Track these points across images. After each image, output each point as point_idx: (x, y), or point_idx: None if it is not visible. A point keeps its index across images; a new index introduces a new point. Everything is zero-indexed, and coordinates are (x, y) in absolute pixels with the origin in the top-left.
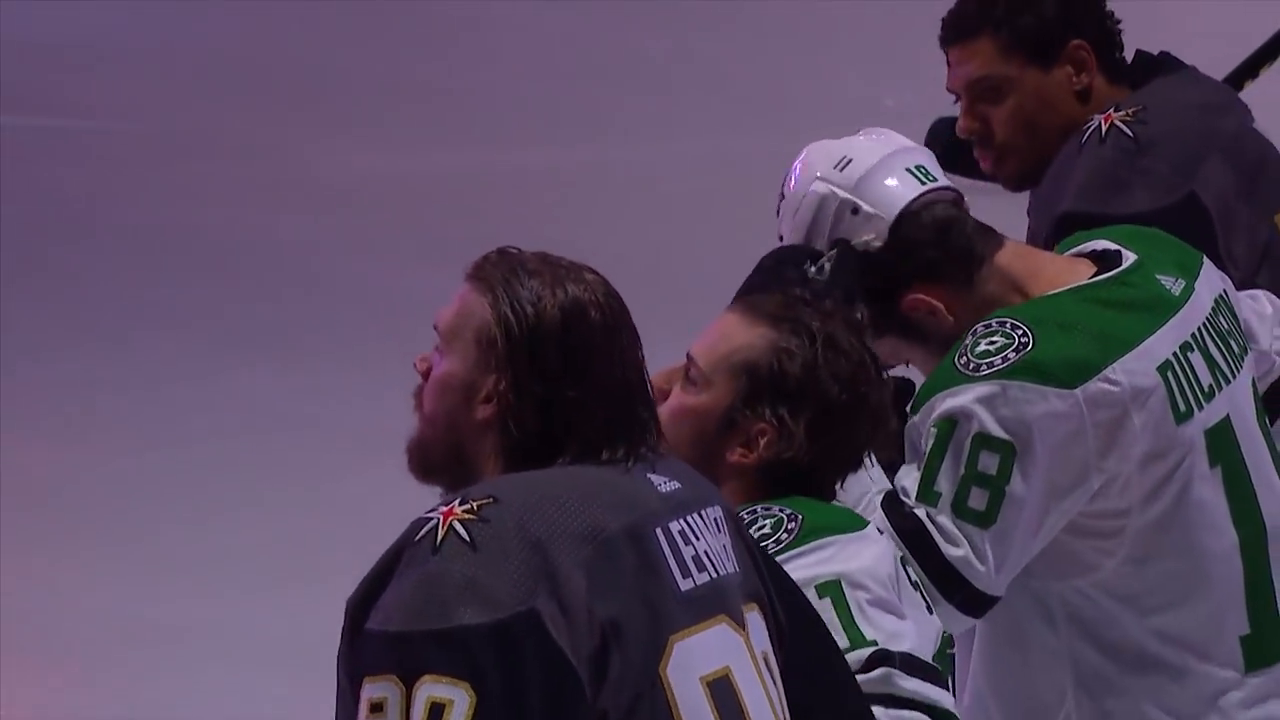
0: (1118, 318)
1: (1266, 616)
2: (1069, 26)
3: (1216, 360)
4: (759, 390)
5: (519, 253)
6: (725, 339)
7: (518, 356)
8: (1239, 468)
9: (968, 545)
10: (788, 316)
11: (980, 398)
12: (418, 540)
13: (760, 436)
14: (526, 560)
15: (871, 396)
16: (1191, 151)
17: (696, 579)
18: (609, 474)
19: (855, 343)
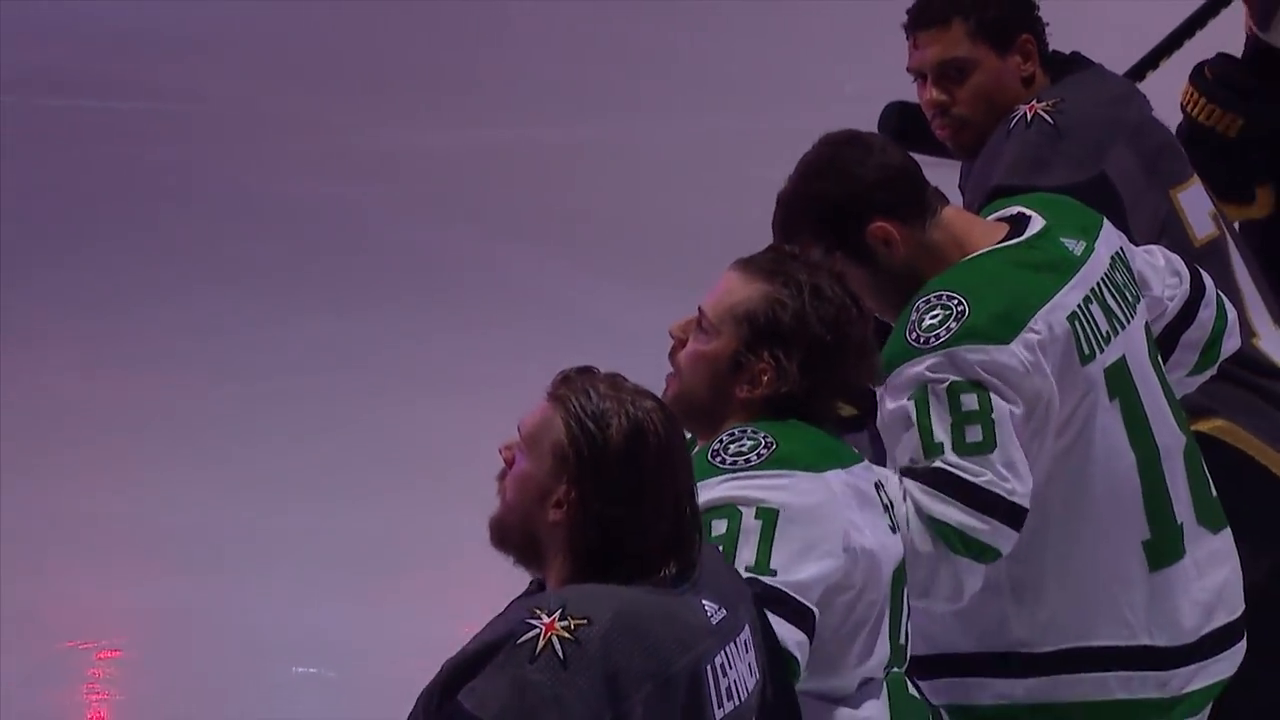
0: (1030, 277)
1: (1165, 524)
2: (1021, 21)
3: (1113, 309)
4: (758, 336)
5: (593, 375)
6: (729, 293)
7: (586, 472)
8: (1135, 400)
9: (984, 472)
10: (780, 271)
11: (935, 365)
12: (520, 643)
13: (762, 375)
14: (602, 690)
15: (854, 334)
16: (1102, 137)
17: (725, 708)
18: (675, 603)
19: (838, 289)
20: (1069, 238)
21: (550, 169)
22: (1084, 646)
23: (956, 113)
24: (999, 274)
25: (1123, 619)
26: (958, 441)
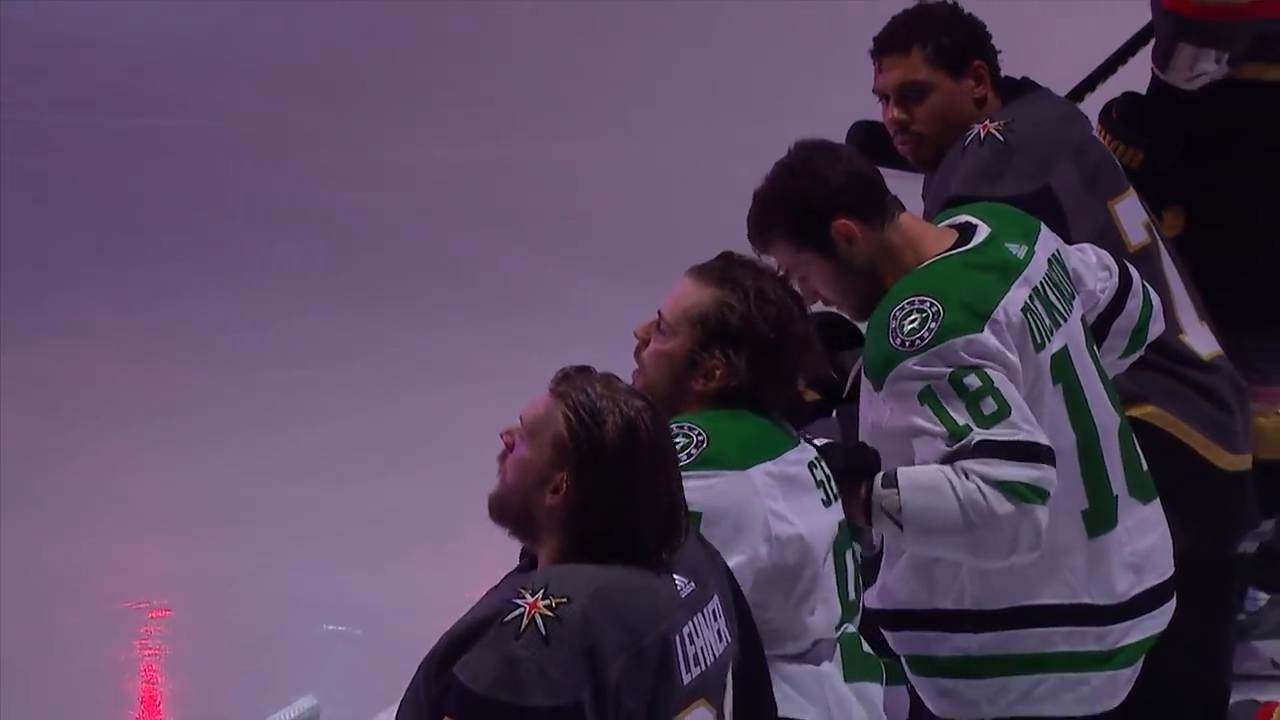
0: (983, 277)
1: (1101, 495)
2: (975, 49)
3: (1054, 304)
4: (710, 336)
5: (591, 375)
6: (684, 298)
7: (582, 463)
8: (1076, 385)
9: (1015, 432)
10: (728, 277)
11: (928, 365)
12: (507, 621)
13: (715, 370)
14: (582, 662)
15: (796, 331)
16: (1048, 154)
17: (692, 672)
18: (649, 580)
19: (780, 292)
20: (1012, 243)
21: (552, 179)
22: (1031, 605)
23: (915, 130)
24: (957, 275)
25: (1065, 580)
26: (978, 417)
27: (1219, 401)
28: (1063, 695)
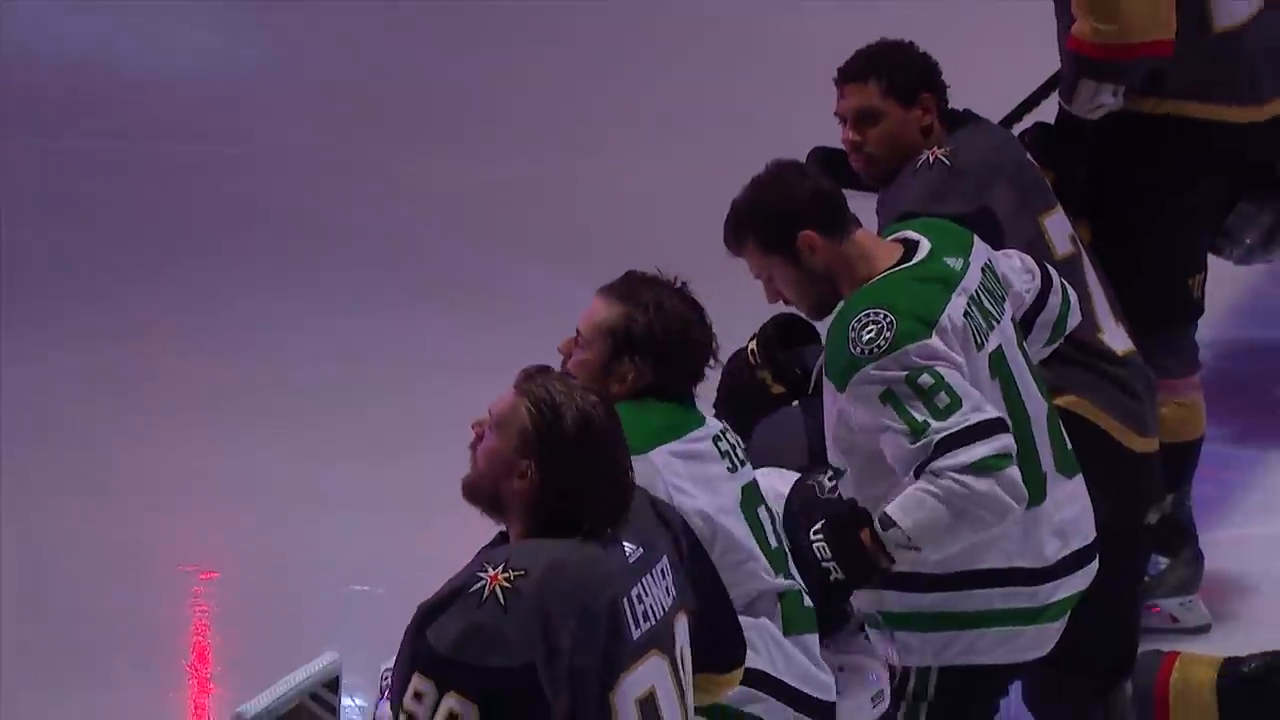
0: (928, 288)
1: (1033, 473)
2: (924, 84)
3: (989, 309)
4: (619, 346)
5: (549, 373)
6: (595, 314)
7: (544, 452)
8: (1010, 379)
9: (965, 418)
10: (630, 294)
11: (886, 370)
12: (472, 591)
13: (626, 375)
14: (535, 628)
15: (693, 334)
16: (986, 177)
17: (642, 627)
18: (599, 551)
19: (676, 301)
20: (949, 257)
21: (556, 195)
22: (973, 569)
23: (867, 150)
24: (905, 289)
25: (1002, 548)
26: (934, 411)
27: (1131, 392)
28: (999, 647)
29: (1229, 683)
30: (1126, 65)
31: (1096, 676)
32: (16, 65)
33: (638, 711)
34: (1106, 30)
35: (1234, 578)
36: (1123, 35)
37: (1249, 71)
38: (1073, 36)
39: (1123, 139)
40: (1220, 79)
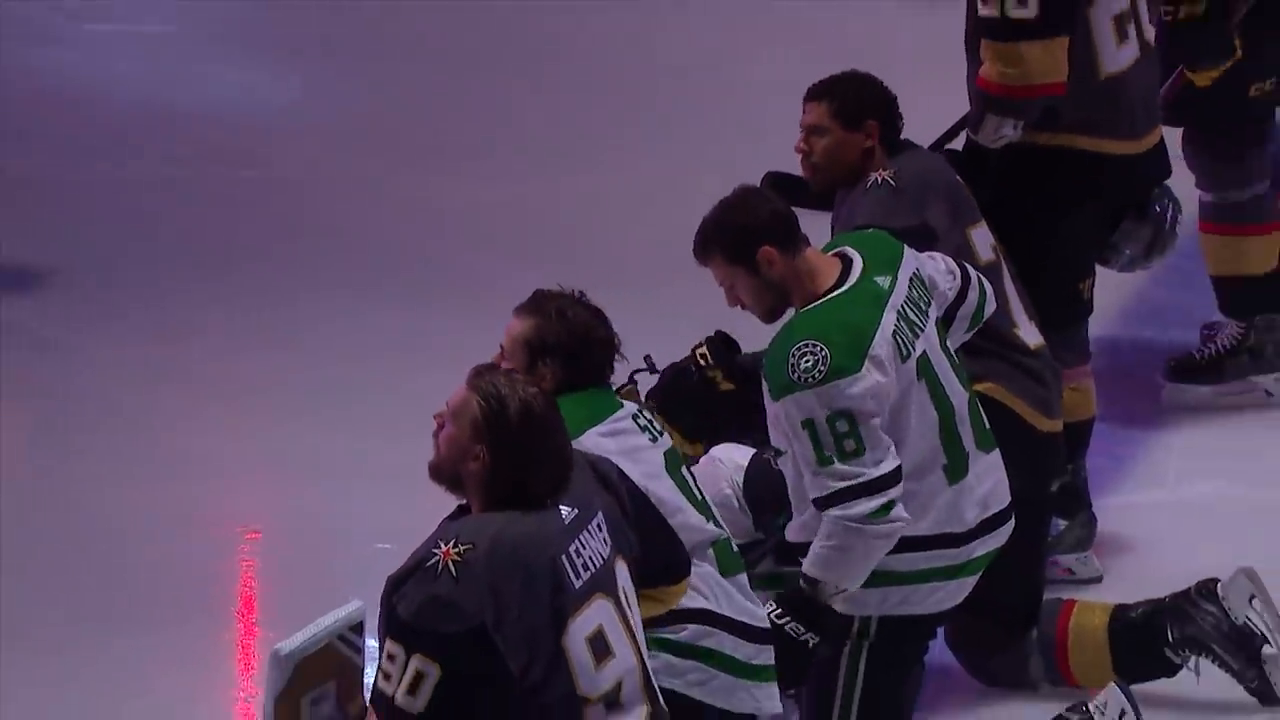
0: (861, 312)
1: (957, 453)
2: (871, 112)
3: (914, 320)
4: (534, 353)
5: (495, 370)
6: (513, 329)
7: (492, 438)
8: (935, 379)
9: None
10: (538, 308)
11: (815, 402)
12: (428, 565)
13: (545, 376)
14: (483, 593)
15: (595, 336)
16: (923, 195)
17: (584, 576)
18: (539, 519)
19: (578, 309)
20: (879, 275)
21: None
22: (908, 536)
23: (813, 160)
24: (842, 317)
25: (933, 517)
26: (840, 454)
27: (1040, 380)
28: (929, 599)
29: (1118, 626)
30: (1026, 103)
31: (1009, 622)
32: (93, 103)
33: (588, 648)
34: (1010, 73)
35: (1123, 537)
36: (1023, 78)
37: (1129, 111)
38: (981, 78)
39: (1021, 166)
40: (1105, 116)
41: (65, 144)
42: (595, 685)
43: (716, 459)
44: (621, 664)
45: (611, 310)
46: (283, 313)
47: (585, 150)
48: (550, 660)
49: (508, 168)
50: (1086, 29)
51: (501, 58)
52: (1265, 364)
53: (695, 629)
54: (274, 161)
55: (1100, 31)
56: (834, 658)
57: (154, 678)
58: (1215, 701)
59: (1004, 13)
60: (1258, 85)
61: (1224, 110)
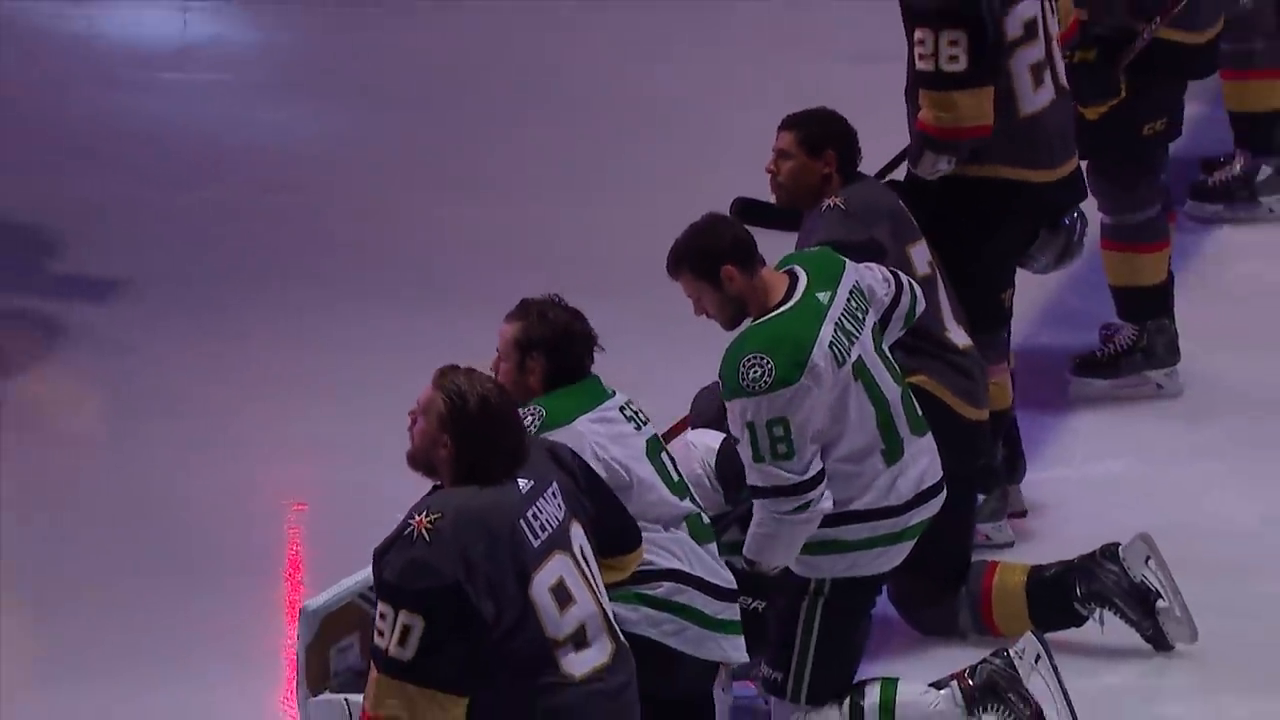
0: (802, 327)
1: (893, 439)
2: (831, 144)
3: (850, 330)
4: (522, 350)
5: (457, 369)
6: (504, 333)
7: (455, 429)
8: (870, 378)
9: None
10: (523, 313)
11: (759, 407)
12: (405, 534)
13: (534, 369)
14: (454, 554)
15: (575, 330)
16: (871, 217)
17: (542, 536)
18: (498, 492)
19: (558, 311)
20: (820, 291)
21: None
22: (854, 510)
23: (779, 180)
24: (786, 332)
25: (873, 495)
26: (773, 455)
27: (968, 375)
28: (873, 562)
29: (1034, 584)
30: (958, 143)
31: (942, 580)
32: (158, 139)
33: (552, 597)
34: (944, 118)
35: (1037, 508)
36: (955, 121)
37: (1046, 145)
38: (920, 121)
39: (954, 194)
40: (1025, 150)
41: (135, 174)
42: (560, 628)
43: (691, 443)
44: (583, 609)
45: (601, 315)
46: (320, 318)
47: (580, 178)
48: (519, 609)
49: (510, 194)
50: (1007, 76)
51: (508, 100)
52: (1156, 361)
53: (669, 586)
54: (311, 189)
55: (1019, 78)
56: (793, 613)
57: (211, 628)
58: (1116, 647)
59: (938, 67)
60: (1150, 125)
61: (1116, 144)
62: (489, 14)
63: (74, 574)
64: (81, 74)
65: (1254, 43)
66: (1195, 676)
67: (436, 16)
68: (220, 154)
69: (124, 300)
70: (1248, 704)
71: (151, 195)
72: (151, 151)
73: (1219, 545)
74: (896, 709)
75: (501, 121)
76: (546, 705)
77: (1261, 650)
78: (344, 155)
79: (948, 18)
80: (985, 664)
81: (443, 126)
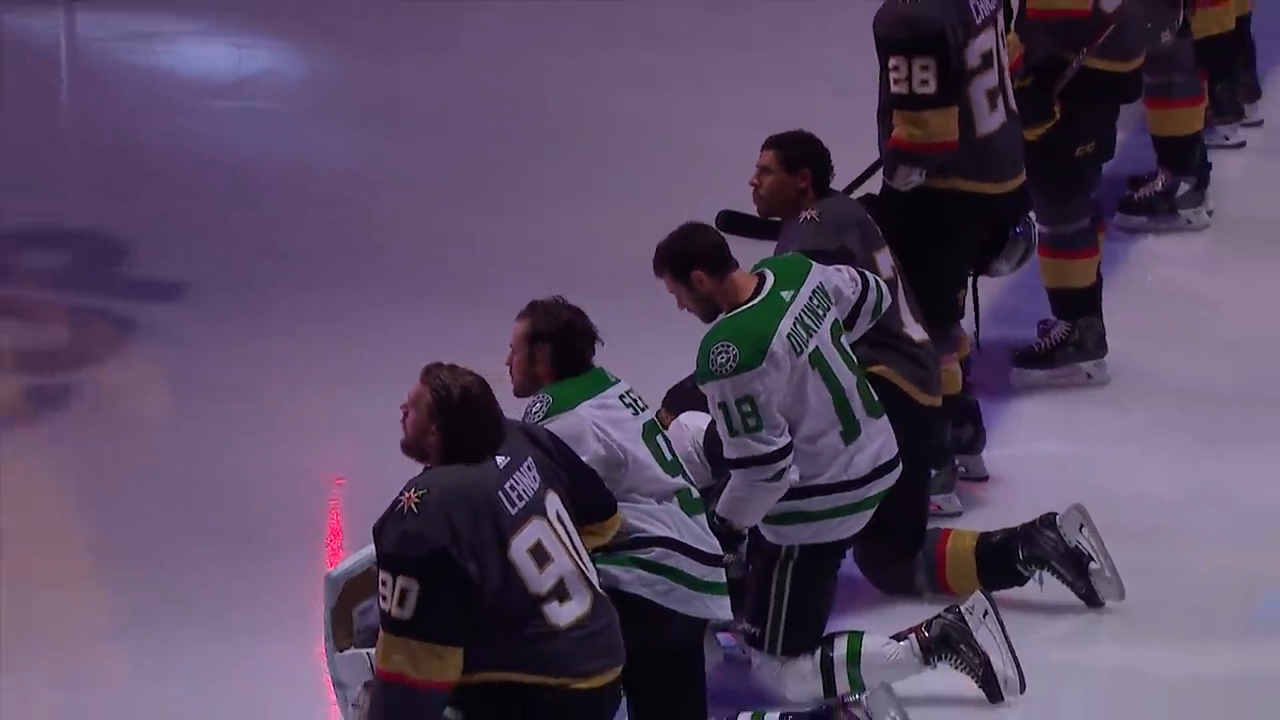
0: (764, 320)
1: (849, 420)
2: (806, 162)
3: (809, 324)
4: (531, 343)
5: (441, 366)
6: (516, 330)
7: (442, 419)
8: (827, 367)
9: (760, 444)
10: (532, 311)
11: (726, 389)
12: (397, 510)
13: (541, 358)
14: (440, 524)
15: (575, 325)
16: (841, 227)
17: (519, 505)
18: (478, 469)
19: (561, 309)
20: (785, 290)
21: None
22: (816, 484)
23: (761, 193)
24: (750, 325)
25: (833, 472)
26: (745, 428)
27: (923, 365)
28: (836, 529)
29: (982, 548)
30: (928, 157)
31: (901, 545)
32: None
33: (530, 556)
34: (917, 134)
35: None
36: (927, 138)
37: (997, 161)
38: (894, 138)
39: (919, 204)
40: (980, 165)
41: (196, 191)
42: (542, 584)
43: (683, 424)
44: (560, 567)
45: (602, 313)
46: (361, 316)
47: (583, 194)
48: (501, 570)
49: (521, 208)
50: (966, 100)
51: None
52: (1086, 354)
53: (660, 551)
54: (349, 204)
55: (977, 103)
56: (767, 577)
57: (261, 586)
58: (1054, 604)
59: (912, 90)
60: (1081, 148)
61: (1052, 164)
62: (506, 53)
63: (142, 538)
64: (150, 105)
65: (1174, 76)
66: (1123, 629)
67: (460, 55)
68: (270, 173)
69: (187, 301)
70: (1167, 651)
71: (211, 210)
72: (211, 172)
73: (1142, 515)
74: (862, 659)
75: (515, 145)
76: (535, 651)
77: (1179, 606)
78: (377, 174)
79: (919, 47)
80: (939, 619)
81: (463, 150)
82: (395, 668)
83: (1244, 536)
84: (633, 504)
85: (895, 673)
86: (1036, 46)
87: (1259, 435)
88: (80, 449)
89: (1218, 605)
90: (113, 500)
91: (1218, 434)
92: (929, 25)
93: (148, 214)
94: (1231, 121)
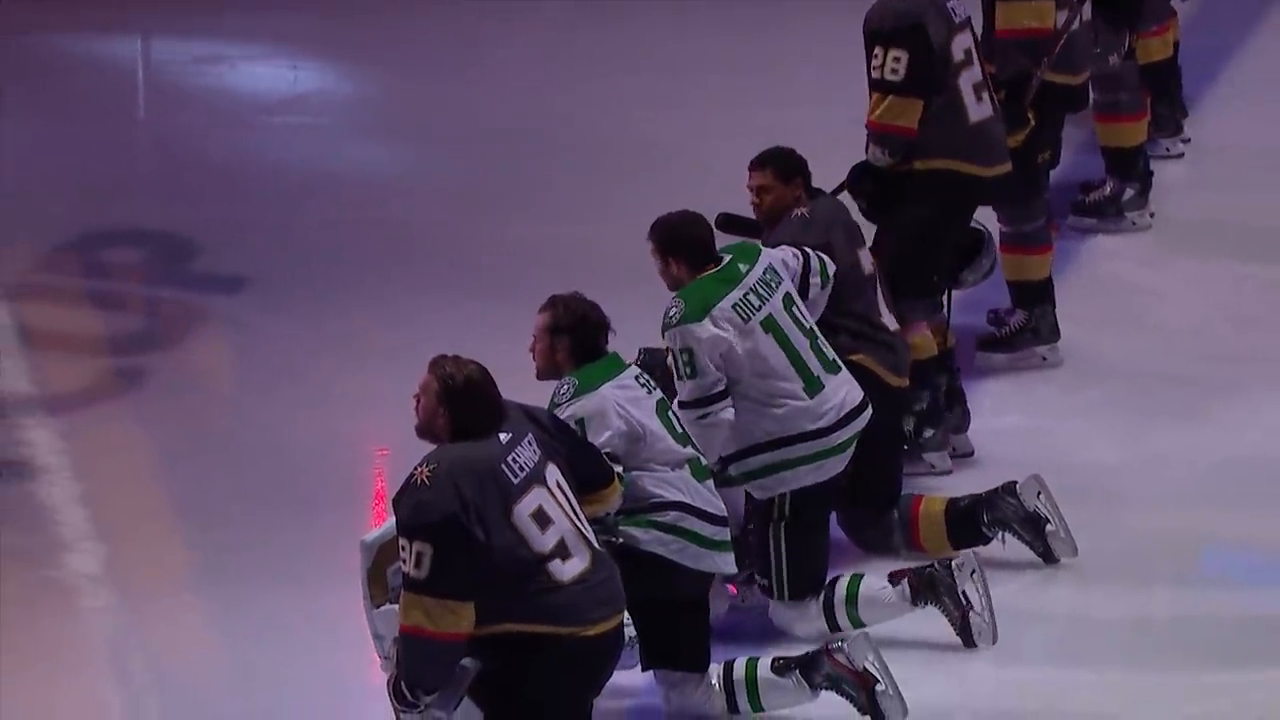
0: (716, 286)
1: (809, 377)
2: (795, 173)
3: (761, 294)
4: (551, 333)
5: (446, 356)
6: (538, 322)
7: (449, 404)
8: (780, 331)
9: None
10: (552, 305)
11: (676, 338)
12: (411, 482)
13: (561, 347)
14: (450, 493)
15: (590, 317)
16: (828, 225)
17: (520, 475)
18: (483, 444)
19: (578, 302)
20: (743, 264)
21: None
22: (787, 435)
23: (763, 210)
24: (701, 287)
25: (801, 424)
26: (687, 373)
27: (895, 351)
28: (813, 475)
29: (952, 511)
30: (887, 137)
31: (879, 507)
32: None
33: (532, 520)
34: (882, 116)
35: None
36: (888, 120)
37: (986, 147)
38: (867, 118)
39: (908, 185)
40: (972, 148)
41: (258, 196)
42: (544, 544)
43: None
44: (560, 528)
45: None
46: (400, 306)
47: (598, 202)
48: (506, 533)
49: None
50: (956, 91)
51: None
52: (1041, 340)
53: (674, 514)
54: (394, 208)
55: (965, 93)
56: (766, 535)
57: (315, 546)
58: (1015, 561)
59: (883, 75)
60: (1040, 154)
61: (1017, 169)
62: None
63: (212, 502)
64: (215, 119)
65: (1120, 94)
66: (1075, 580)
67: (490, 78)
68: (321, 181)
69: (251, 292)
70: (1114, 598)
71: (270, 213)
72: (270, 179)
73: (1092, 481)
74: (860, 599)
75: (538, 158)
76: (542, 603)
77: (1126, 562)
78: (415, 183)
79: (896, 38)
80: (930, 568)
81: (492, 162)
82: (414, 622)
83: (1181, 499)
84: (651, 472)
85: (888, 612)
86: (1007, 63)
87: (1194, 410)
88: (157, 422)
89: (1158, 558)
90: (185, 467)
91: (1158, 409)
92: (907, 19)
93: (215, 216)
94: (1171, 135)
